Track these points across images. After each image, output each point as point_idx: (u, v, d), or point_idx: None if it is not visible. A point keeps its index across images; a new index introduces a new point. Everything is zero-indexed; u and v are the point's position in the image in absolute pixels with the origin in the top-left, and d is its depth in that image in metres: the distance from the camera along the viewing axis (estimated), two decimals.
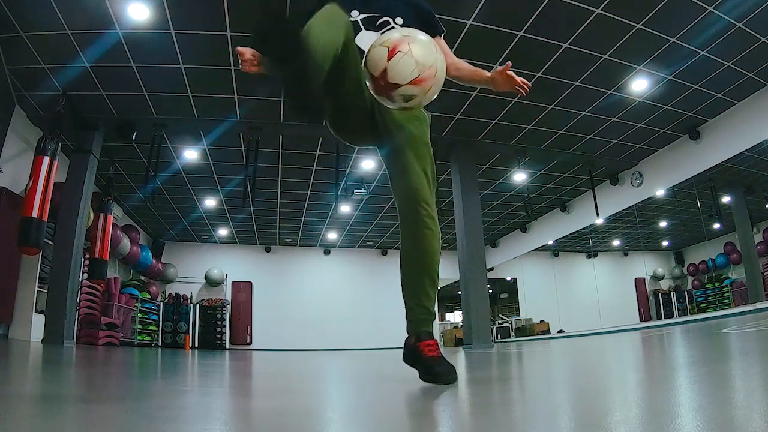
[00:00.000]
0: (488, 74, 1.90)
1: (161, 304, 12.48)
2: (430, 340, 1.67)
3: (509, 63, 1.86)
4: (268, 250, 14.48)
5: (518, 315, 15.69)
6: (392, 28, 1.85)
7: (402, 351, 1.77)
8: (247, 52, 1.70)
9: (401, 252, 1.80)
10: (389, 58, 1.49)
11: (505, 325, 15.00)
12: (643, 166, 9.22)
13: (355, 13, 1.87)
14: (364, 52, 1.78)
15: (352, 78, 1.66)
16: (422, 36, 1.58)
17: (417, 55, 1.50)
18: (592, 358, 3.07)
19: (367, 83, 1.58)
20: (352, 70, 1.64)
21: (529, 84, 1.91)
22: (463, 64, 1.99)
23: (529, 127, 7.71)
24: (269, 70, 1.62)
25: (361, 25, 1.86)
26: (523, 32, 5.48)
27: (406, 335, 1.74)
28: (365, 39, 1.83)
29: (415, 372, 1.66)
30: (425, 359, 1.62)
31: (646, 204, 10.70)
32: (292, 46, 1.31)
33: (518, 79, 1.88)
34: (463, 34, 5.40)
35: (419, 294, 1.73)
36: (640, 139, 8.32)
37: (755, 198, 10.98)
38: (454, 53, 2.04)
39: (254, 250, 14.42)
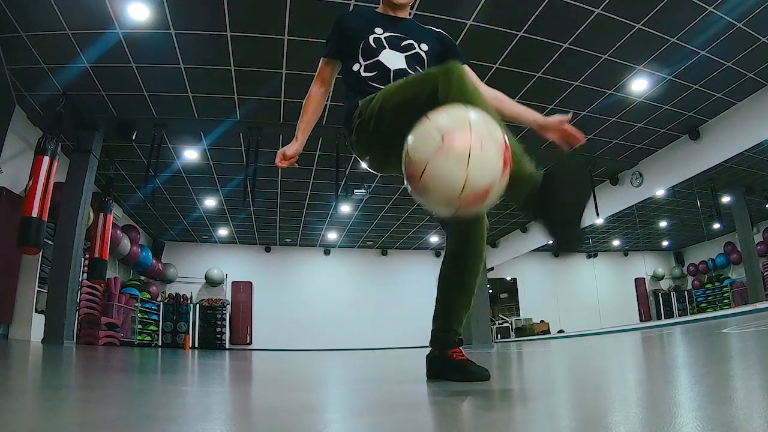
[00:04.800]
0: (539, 118, 1.72)
1: (161, 304, 12.48)
2: (456, 348, 1.67)
3: (570, 114, 1.67)
4: (268, 250, 14.48)
5: (518, 315, 15.69)
6: (416, 52, 1.80)
7: (426, 368, 1.73)
8: (285, 162, 1.85)
9: (447, 266, 1.72)
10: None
11: (505, 325, 15.00)
12: (643, 166, 9.22)
13: (378, 30, 1.82)
14: (388, 69, 1.74)
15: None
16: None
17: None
18: (592, 359, 3.07)
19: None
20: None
21: (583, 140, 1.66)
22: (502, 96, 1.80)
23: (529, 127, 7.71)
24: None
25: (385, 43, 1.80)
26: (523, 32, 5.48)
27: (429, 349, 1.74)
28: (388, 57, 1.78)
29: (413, 373, 1.66)
30: (454, 362, 1.63)
31: (646, 204, 10.71)
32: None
33: (575, 132, 1.64)
34: (463, 34, 5.40)
35: (450, 315, 1.70)
36: (640, 139, 8.32)
37: (755, 198, 10.99)
38: None
39: (254, 250, 14.42)
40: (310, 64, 6.21)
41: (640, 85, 6.62)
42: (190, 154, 8.29)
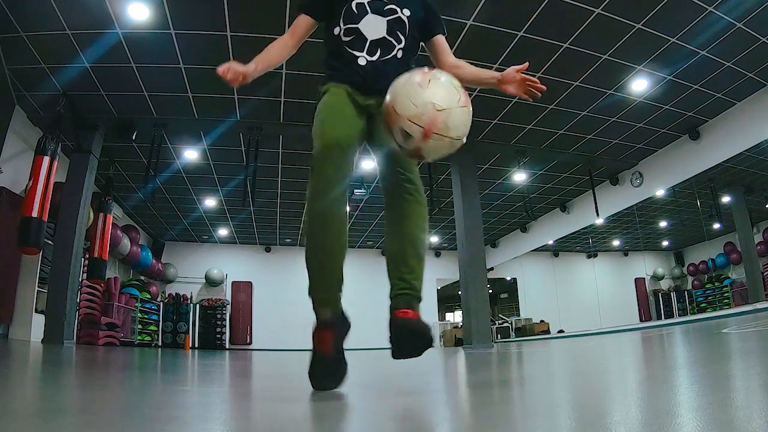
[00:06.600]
0: (497, 74, 1.77)
1: (161, 304, 12.48)
2: (406, 308, 1.57)
3: (526, 63, 1.73)
4: (268, 250, 14.48)
5: (518, 315, 15.69)
6: (398, 17, 1.80)
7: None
8: (229, 73, 1.66)
9: (387, 222, 1.75)
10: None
11: (505, 325, 14.99)
12: (643, 166, 9.22)
13: None
14: (365, 39, 1.76)
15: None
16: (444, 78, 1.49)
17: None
18: (592, 359, 3.07)
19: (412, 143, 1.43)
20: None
21: (543, 87, 1.73)
22: (464, 63, 1.90)
23: (529, 127, 7.71)
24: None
25: (368, 8, 1.79)
26: (523, 32, 5.48)
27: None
28: (371, 23, 1.78)
29: (414, 372, 1.65)
30: (396, 320, 1.56)
31: (646, 204, 10.71)
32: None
33: (534, 80, 1.73)
34: (463, 34, 5.40)
35: (400, 266, 1.65)
36: (640, 139, 8.32)
37: (755, 198, 10.99)
38: (453, 53, 2.01)
39: (254, 250, 14.42)
40: (310, 64, 6.22)
41: (640, 85, 6.62)
42: (190, 154, 8.29)
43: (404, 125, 1.39)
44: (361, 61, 1.76)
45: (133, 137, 7.04)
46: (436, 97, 1.40)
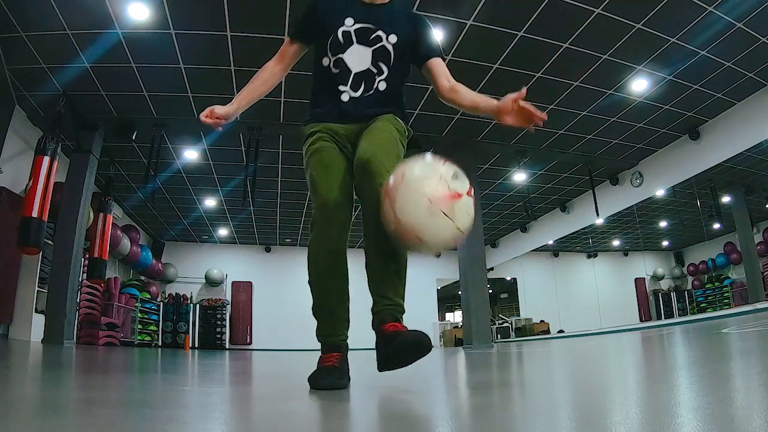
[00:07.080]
0: (494, 103, 1.66)
1: (161, 304, 12.48)
2: (393, 322, 1.52)
3: (524, 90, 1.58)
4: (268, 250, 14.48)
5: (518, 315, 15.69)
6: (382, 46, 1.74)
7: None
8: (211, 118, 1.74)
9: (367, 240, 1.67)
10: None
11: (505, 325, 15.00)
12: (643, 166, 9.22)
13: (349, 21, 1.74)
14: (350, 71, 1.73)
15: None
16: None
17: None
18: (592, 359, 3.07)
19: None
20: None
21: (544, 116, 1.61)
22: (462, 88, 1.78)
23: None
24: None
25: (354, 38, 1.74)
26: (523, 32, 5.48)
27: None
28: (355, 54, 1.73)
29: (414, 372, 1.64)
30: (388, 334, 1.49)
31: (646, 204, 10.71)
32: None
33: (533, 110, 1.59)
34: (463, 34, 5.40)
35: (381, 284, 1.60)
36: (640, 139, 8.32)
37: (755, 198, 10.99)
38: (453, 53, 1.99)
39: (254, 250, 14.42)
40: (310, 64, 6.22)
41: (640, 85, 6.62)
42: (190, 154, 8.29)
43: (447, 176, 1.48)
44: (344, 98, 1.74)
45: (133, 137, 7.04)
46: (443, 169, 1.53)
